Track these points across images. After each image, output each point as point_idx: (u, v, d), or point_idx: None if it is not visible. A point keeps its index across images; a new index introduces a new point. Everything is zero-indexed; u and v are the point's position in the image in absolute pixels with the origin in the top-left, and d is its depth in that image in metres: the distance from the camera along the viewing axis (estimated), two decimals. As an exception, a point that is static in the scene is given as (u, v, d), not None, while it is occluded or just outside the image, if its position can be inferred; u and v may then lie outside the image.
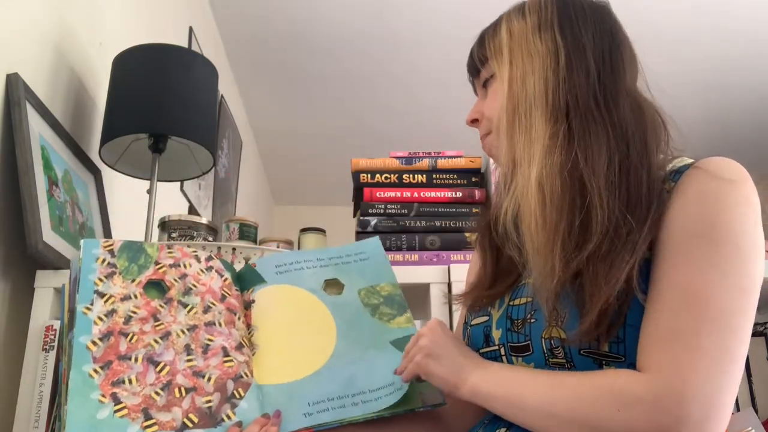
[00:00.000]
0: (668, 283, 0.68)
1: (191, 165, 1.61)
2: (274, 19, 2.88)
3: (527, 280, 0.80)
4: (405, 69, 3.23)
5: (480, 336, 0.83)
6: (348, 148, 3.76)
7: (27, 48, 1.35)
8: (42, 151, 1.30)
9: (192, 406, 0.78)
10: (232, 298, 0.91)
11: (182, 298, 0.87)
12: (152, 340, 0.82)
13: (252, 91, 3.40)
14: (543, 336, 0.74)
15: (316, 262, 0.98)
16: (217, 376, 0.81)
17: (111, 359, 0.79)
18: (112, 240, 0.91)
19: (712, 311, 0.65)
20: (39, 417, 1.10)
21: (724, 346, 0.64)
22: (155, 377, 0.79)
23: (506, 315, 0.80)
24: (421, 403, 0.83)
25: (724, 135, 3.59)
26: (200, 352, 0.83)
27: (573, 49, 0.79)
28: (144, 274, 0.88)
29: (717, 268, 0.67)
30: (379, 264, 0.99)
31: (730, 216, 0.68)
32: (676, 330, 0.65)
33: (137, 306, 0.85)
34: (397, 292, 0.95)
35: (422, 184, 1.42)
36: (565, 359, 0.72)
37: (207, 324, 0.86)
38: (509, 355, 0.78)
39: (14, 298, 1.24)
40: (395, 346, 0.88)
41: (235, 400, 0.80)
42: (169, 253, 0.92)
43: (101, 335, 0.80)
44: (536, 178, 0.75)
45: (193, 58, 1.54)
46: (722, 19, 2.87)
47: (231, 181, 3.08)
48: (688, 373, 0.63)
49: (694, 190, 0.71)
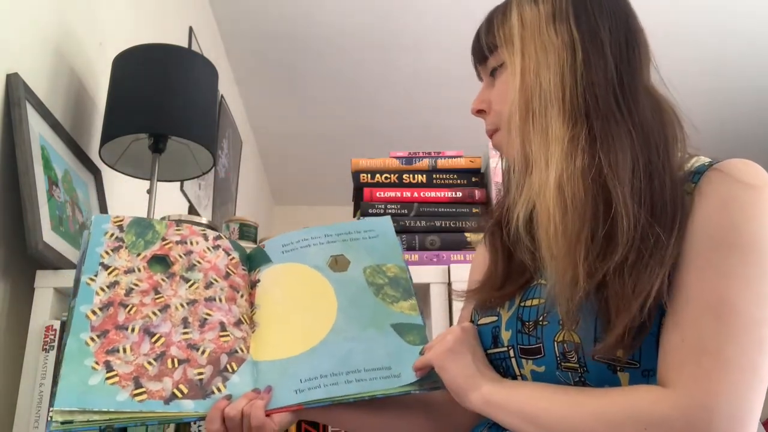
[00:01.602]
0: (692, 293, 0.65)
1: (191, 165, 1.61)
2: (274, 19, 2.88)
3: (540, 281, 0.78)
4: (405, 69, 3.23)
5: (488, 336, 0.81)
6: (348, 148, 3.75)
7: (27, 48, 1.35)
8: (42, 151, 1.30)
9: (183, 377, 0.78)
10: (237, 276, 0.91)
11: (185, 274, 0.88)
12: (151, 311, 0.83)
13: (252, 91, 3.40)
14: (556, 339, 0.72)
15: (324, 238, 0.96)
16: (211, 350, 0.82)
17: (108, 328, 0.80)
18: (122, 216, 0.93)
19: (738, 322, 0.63)
20: (39, 417, 1.10)
21: (752, 359, 0.63)
22: (149, 348, 0.80)
23: (517, 316, 0.78)
24: (417, 386, 0.81)
25: (723, 135, 3.58)
26: (197, 325, 0.84)
27: (590, 44, 0.76)
28: (150, 249, 0.89)
29: (742, 278, 0.65)
30: (388, 244, 0.97)
31: (755, 224, 0.66)
32: (702, 342, 0.63)
33: (140, 279, 0.86)
34: (403, 275, 0.93)
35: (422, 184, 1.42)
36: (578, 364, 0.70)
37: (207, 299, 0.87)
38: (518, 357, 0.76)
39: (14, 298, 1.24)
40: (396, 330, 0.87)
41: (227, 373, 0.80)
42: (177, 231, 0.93)
43: (101, 305, 0.82)
44: (556, 181, 0.71)
45: (193, 58, 1.54)
46: (721, 19, 2.87)
47: (231, 181, 3.08)
48: (717, 388, 0.61)
49: (716, 196, 0.68)
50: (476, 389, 0.73)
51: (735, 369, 0.62)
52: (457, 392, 0.75)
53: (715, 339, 0.63)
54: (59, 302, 1.22)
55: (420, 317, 0.89)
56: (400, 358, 0.83)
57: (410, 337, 0.86)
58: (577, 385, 0.71)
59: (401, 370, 0.82)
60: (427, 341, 0.85)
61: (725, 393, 0.61)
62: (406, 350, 0.84)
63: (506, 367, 0.78)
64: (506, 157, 0.85)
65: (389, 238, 0.98)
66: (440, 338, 0.79)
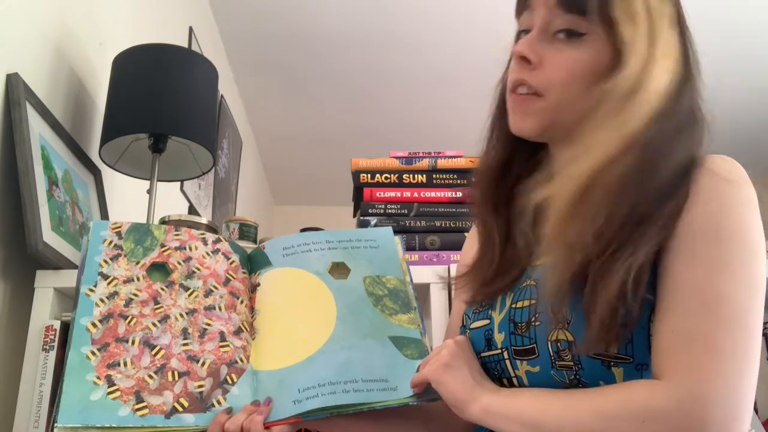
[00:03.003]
0: (679, 284, 0.67)
1: (191, 165, 1.61)
2: (274, 19, 2.88)
3: (529, 282, 0.78)
4: (405, 69, 3.23)
5: (481, 340, 0.81)
6: (348, 148, 3.76)
7: (27, 48, 1.35)
8: (42, 151, 1.30)
9: (184, 391, 0.79)
10: (237, 281, 0.91)
11: (184, 282, 0.88)
12: (150, 323, 0.83)
13: (252, 91, 3.40)
14: (549, 339, 0.72)
15: (325, 244, 0.96)
16: (211, 361, 0.82)
17: (109, 341, 0.80)
18: (121, 222, 0.92)
19: (726, 310, 0.64)
20: (39, 417, 1.10)
21: (741, 345, 0.64)
22: (150, 360, 0.80)
23: (509, 318, 0.78)
24: (416, 398, 0.81)
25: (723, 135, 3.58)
26: (197, 336, 0.84)
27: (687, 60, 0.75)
28: (149, 256, 0.89)
29: (727, 267, 0.66)
30: (388, 255, 0.97)
31: (735, 217, 0.68)
32: (692, 332, 0.64)
33: (139, 288, 0.86)
34: (403, 288, 0.93)
35: (422, 184, 1.42)
36: (573, 362, 0.70)
37: (207, 308, 0.86)
38: (513, 359, 0.76)
39: (14, 298, 1.24)
40: (394, 342, 0.87)
41: (227, 385, 0.81)
42: (176, 236, 0.92)
43: (101, 317, 0.82)
44: (592, 172, 0.69)
45: (193, 58, 1.54)
46: (720, 19, 2.87)
47: (231, 181, 3.08)
48: (709, 376, 0.62)
49: (699, 191, 0.70)
50: (475, 401, 0.73)
51: (725, 356, 0.63)
52: (456, 405, 0.75)
53: (704, 328, 0.64)
54: (59, 302, 1.22)
55: (418, 331, 0.88)
56: (397, 371, 0.83)
57: (408, 351, 0.86)
58: (573, 382, 0.71)
59: (398, 384, 0.81)
60: (425, 355, 0.85)
61: (718, 380, 0.62)
62: (403, 364, 0.84)
63: (501, 369, 0.78)
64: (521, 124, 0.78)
65: (390, 249, 0.97)
66: (435, 353, 0.79)
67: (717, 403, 0.61)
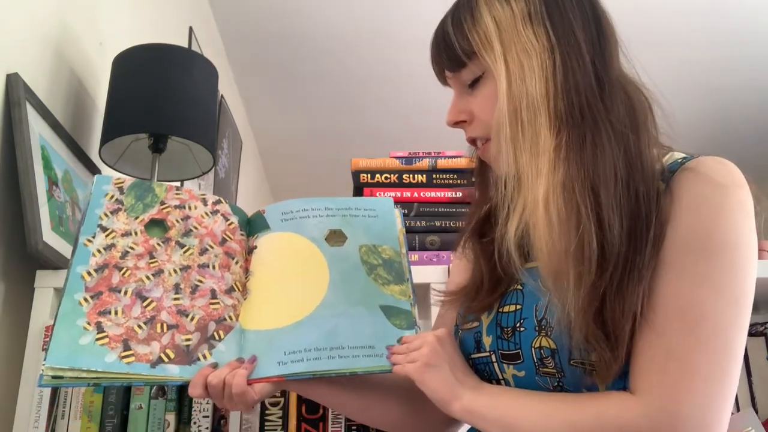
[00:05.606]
0: (661, 300, 0.65)
1: (191, 165, 1.61)
2: (274, 18, 2.88)
3: (516, 287, 0.78)
4: (405, 68, 3.22)
5: (471, 341, 0.82)
6: (348, 147, 3.75)
7: (27, 48, 1.35)
8: (42, 151, 1.30)
9: (171, 342, 0.80)
10: (233, 242, 0.92)
11: (181, 239, 0.89)
12: (144, 276, 0.85)
13: (252, 91, 3.40)
14: (533, 345, 0.72)
15: (324, 211, 0.96)
16: (200, 317, 0.83)
17: (102, 290, 0.82)
18: (124, 177, 0.94)
19: (706, 329, 0.63)
20: (39, 417, 1.10)
21: (718, 364, 0.63)
22: (140, 311, 0.82)
23: (496, 322, 0.78)
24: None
25: (723, 135, 3.59)
26: (188, 292, 0.85)
27: (568, 45, 0.72)
28: (148, 212, 0.91)
29: (712, 283, 0.64)
30: (386, 225, 0.97)
31: (725, 227, 0.66)
32: (669, 349, 0.63)
33: (136, 242, 0.87)
34: (398, 259, 0.93)
35: (422, 184, 1.42)
36: (555, 369, 0.71)
37: (200, 266, 0.88)
38: (500, 362, 0.77)
39: (14, 298, 1.24)
40: (384, 311, 0.87)
41: (214, 341, 0.82)
42: (177, 195, 0.94)
43: (97, 267, 0.84)
44: (543, 197, 0.68)
45: (193, 58, 1.54)
46: (719, 19, 2.87)
47: (231, 181, 3.08)
48: (682, 396, 0.62)
49: (687, 198, 0.68)
50: (457, 399, 0.74)
51: (702, 376, 0.62)
52: (439, 403, 0.75)
53: (683, 345, 0.63)
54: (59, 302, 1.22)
55: (409, 303, 0.89)
56: (384, 338, 0.84)
57: (397, 320, 0.86)
58: (556, 389, 0.72)
59: (384, 351, 0.82)
60: (413, 327, 0.85)
61: (691, 400, 0.61)
62: (391, 332, 0.85)
63: (489, 371, 0.79)
64: (495, 169, 0.80)
65: (388, 219, 0.98)
66: (417, 346, 0.78)
67: (688, 422, 0.61)
